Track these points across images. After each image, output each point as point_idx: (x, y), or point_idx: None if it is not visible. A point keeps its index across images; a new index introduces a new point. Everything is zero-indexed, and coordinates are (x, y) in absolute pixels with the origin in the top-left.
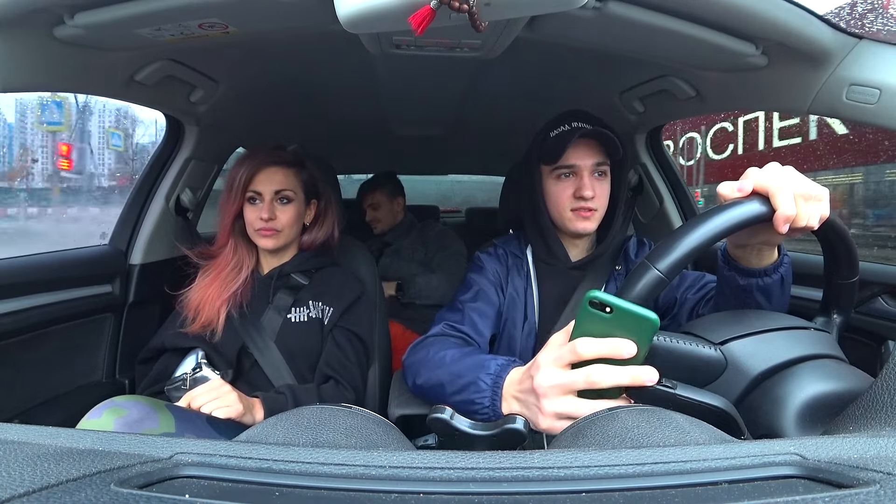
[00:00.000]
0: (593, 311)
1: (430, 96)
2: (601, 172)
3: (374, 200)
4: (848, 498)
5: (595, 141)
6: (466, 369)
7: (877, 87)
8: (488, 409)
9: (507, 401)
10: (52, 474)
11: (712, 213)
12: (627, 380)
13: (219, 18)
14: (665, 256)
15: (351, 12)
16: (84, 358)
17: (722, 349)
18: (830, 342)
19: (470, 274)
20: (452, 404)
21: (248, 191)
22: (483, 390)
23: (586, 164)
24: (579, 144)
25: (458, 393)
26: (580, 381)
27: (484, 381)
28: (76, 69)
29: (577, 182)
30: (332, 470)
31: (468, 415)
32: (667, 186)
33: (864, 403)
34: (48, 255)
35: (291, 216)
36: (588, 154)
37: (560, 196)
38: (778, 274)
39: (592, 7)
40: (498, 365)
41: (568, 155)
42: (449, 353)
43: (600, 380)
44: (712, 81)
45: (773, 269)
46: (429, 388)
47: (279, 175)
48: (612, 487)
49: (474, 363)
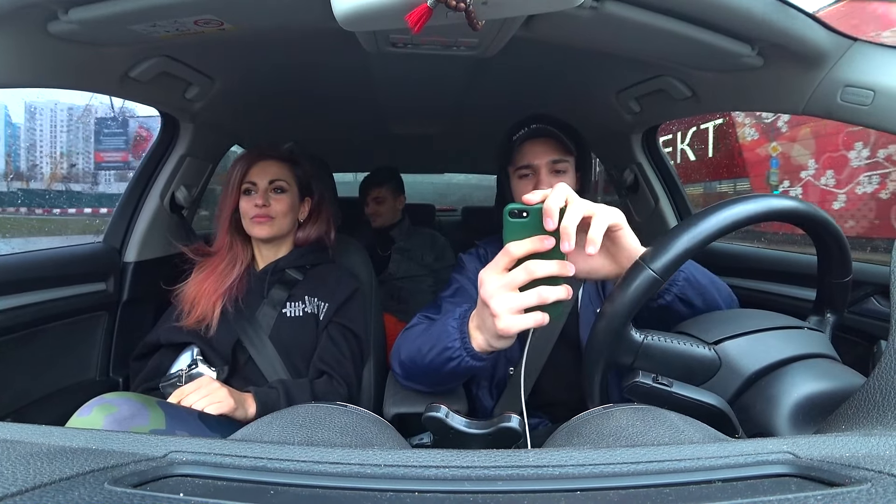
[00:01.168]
0: (513, 220)
1: (426, 95)
2: (559, 170)
3: (380, 195)
4: (840, 496)
5: (552, 139)
6: (436, 327)
7: (871, 89)
8: (459, 349)
9: (473, 336)
10: (45, 473)
11: (713, 210)
12: (557, 268)
13: (214, 15)
14: (660, 256)
15: (347, 10)
16: (78, 356)
17: (716, 349)
18: (824, 341)
19: (453, 274)
20: (430, 363)
21: (244, 182)
22: (451, 333)
23: (542, 162)
24: (535, 144)
25: (433, 348)
26: (521, 276)
27: (451, 325)
28: (70, 65)
29: (535, 180)
30: (327, 468)
31: (444, 364)
32: (662, 186)
33: (855, 402)
34: (42, 252)
35: (285, 205)
36: (543, 152)
37: (522, 194)
38: (664, 299)
39: (589, 6)
40: (462, 310)
41: (523, 155)
42: (422, 326)
43: (536, 269)
44: (708, 82)
45: (666, 290)
46: (409, 362)
47: (274, 167)
48: (607, 486)
49: (443, 319)
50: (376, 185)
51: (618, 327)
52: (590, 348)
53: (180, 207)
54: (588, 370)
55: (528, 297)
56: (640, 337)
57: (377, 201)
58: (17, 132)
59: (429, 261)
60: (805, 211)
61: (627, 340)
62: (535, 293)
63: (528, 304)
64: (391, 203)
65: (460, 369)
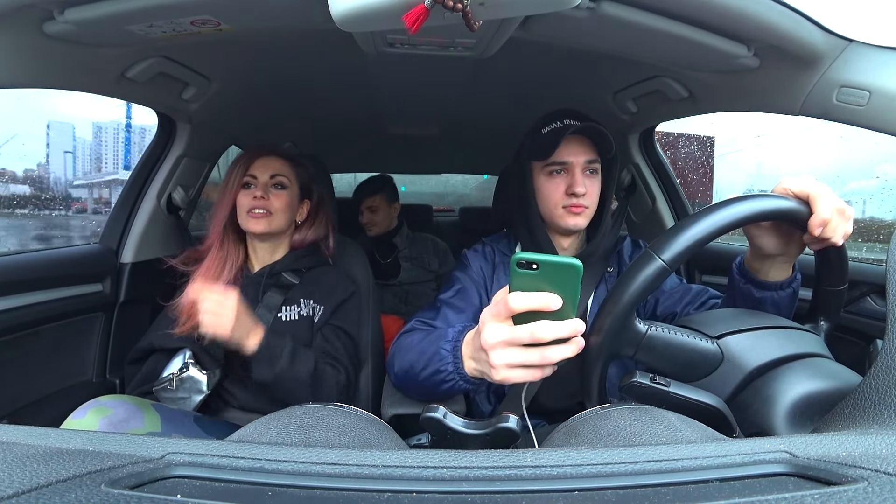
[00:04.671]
0: (521, 271)
1: (424, 95)
2: (593, 170)
3: (374, 204)
4: (836, 495)
5: (587, 138)
6: (429, 344)
7: (866, 90)
8: (453, 373)
9: (466, 362)
10: (41, 475)
11: (722, 205)
12: (567, 332)
13: (211, 15)
14: (669, 246)
15: (345, 10)
16: (74, 357)
17: (719, 343)
18: (821, 343)
19: (455, 272)
20: (423, 381)
21: (245, 176)
22: (444, 357)
23: (579, 161)
24: (571, 141)
25: (426, 368)
26: (525, 336)
27: (444, 348)
28: (66, 66)
29: (569, 179)
30: (325, 469)
31: (438, 385)
32: (659, 186)
33: (852, 402)
34: (38, 253)
35: (284, 202)
36: (580, 151)
37: (552, 192)
38: (791, 288)
39: (586, 7)
40: (455, 332)
41: (560, 151)
42: (416, 337)
43: (544, 335)
44: (705, 82)
45: (788, 284)
46: (403, 374)
47: (276, 163)
48: (605, 486)
49: (436, 337)
50: (370, 195)
51: (623, 316)
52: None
53: (177, 208)
54: (589, 362)
55: (530, 356)
56: (644, 328)
57: (372, 210)
58: (84, 148)
59: (434, 267)
60: (808, 213)
61: (631, 330)
62: (538, 353)
63: (530, 363)
64: (386, 211)
65: (454, 391)
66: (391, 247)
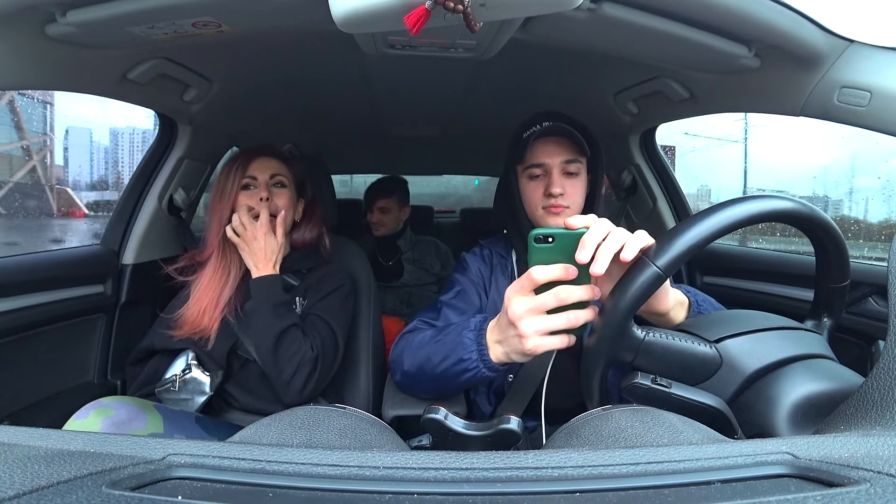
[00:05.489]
0: (539, 245)
1: (425, 96)
2: (571, 171)
3: (386, 205)
4: (839, 496)
5: (565, 139)
6: (448, 336)
7: (867, 90)
8: (476, 360)
9: (492, 348)
10: (42, 476)
11: (716, 209)
12: (587, 294)
13: (212, 17)
14: (664, 252)
15: (345, 12)
16: (75, 358)
17: (717, 347)
18: (822, 343)
19: (454, 274)
20: (441, 374)
21: (245, 177)
22: (468, 346)
23: (555, 162)
24: (548, 143)
25: (446, 359)
26: (550, 301)
27: (468, 336)
28: (68, 67)
29: (546, 180)
30: (326, 471)
31: (458, 376)
32: (660, 187)
33: (854, 403)
34: (39, 254)
35: (286, 200)
36: (556, 152)
37: (532, 194)
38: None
39: (587, 8)
40: (477, 321)
41: (535, 153)
42: (428, 334)
43: (567, 296)
44: (706, 83)
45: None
46: (416, 370)
47: (273, 162)
48: (606, 487)
49: (454, 329)
50: (383, 195)
51: (620, 323)
52: (591, 345)
53: (178, 210)
54: (588, 367)
55: (558, 321)
56: (642, 334)
57: (382, 211)
58: (101, 151)
59: (436, 269)
60: (806, 213)
61: (629, 337)
62: (564, 317)
63: (557, 328)
64: (396, 213)
65: (475, 380)
66: (394, 249)
